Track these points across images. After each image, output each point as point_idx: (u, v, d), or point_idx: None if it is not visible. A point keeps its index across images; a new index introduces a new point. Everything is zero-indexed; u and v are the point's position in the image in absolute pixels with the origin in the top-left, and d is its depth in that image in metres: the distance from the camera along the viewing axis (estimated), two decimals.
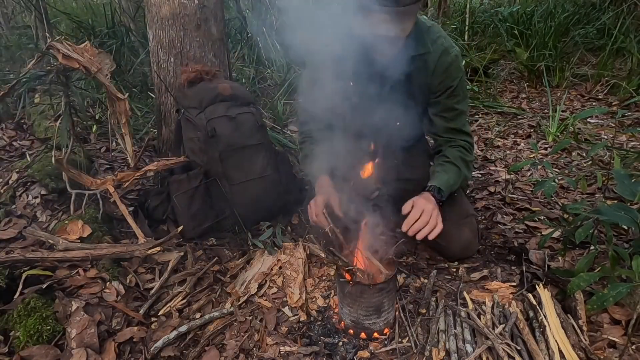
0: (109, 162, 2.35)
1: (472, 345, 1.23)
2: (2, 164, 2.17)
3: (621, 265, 1.26)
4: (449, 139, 1.62)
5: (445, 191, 1.52)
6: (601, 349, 1.20)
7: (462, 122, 1.60)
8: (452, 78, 1.51)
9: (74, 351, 1.19)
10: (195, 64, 2.00)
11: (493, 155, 2.81)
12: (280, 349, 1.29)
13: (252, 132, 1.89)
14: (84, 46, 1.71)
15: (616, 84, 3.66)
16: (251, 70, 3.43)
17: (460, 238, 1.65)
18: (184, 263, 1.69)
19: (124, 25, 3.47)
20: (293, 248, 1.71)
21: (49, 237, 1.57)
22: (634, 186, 1.25)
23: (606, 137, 2.85)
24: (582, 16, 4.55)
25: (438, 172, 1.57)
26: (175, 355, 1.29)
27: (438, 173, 1.57)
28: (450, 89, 1.52)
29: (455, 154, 1.59)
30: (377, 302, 1.27)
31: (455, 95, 1.54)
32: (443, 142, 1.64)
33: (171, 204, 1.85)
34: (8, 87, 1.77)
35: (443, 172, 1.56)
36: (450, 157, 1.58)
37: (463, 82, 1.57)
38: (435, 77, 1.52)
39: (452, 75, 1.51)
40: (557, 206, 2.06)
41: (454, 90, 1.53)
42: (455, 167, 1.57)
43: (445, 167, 1.57)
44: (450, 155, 1.59)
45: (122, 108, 1.75)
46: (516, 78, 4.55)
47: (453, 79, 1.51)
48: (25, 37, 3.65)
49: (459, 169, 1.56)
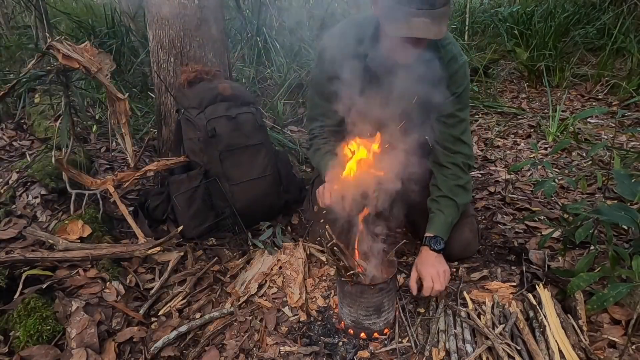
0: (109, 162, 2.35)
1: (472, 345, 1.23)
2: (2, 164, 2.17)
3: (621, 265, 1.26)
4: (446, 149, 1.57)
5: (444, 235, 1.51)
6: (601, 349, 1.20)
7: (462, 129, 1.57)
8: (457, 85, 1.51)
9: (74, 351, 1.19)
10: (195, 64, 2.00)
11: (493, 155, 2.81)
12: (280, 349, 1.29)
13: (252, 132, 1.89)
14: (84, 46, 1.71)
15: (616, 84, 3.66)
16: (251, 70, 3.43)
17: (460, 238, 1.65)
18: (184, 263, 1.69)
19: (124, 25, 3.47)
20: (293, 248, 1.71)
21: (49, 237, 1.57)
22: (634, 186, 1.25)
23: (606, 137, 2.85)
24: (582, 16, 4.55)
25: (433, 214, 1.54)
26: (175, 355, 1.29)
27: (433, 215, 1.54)
28: (454, 95, 1.53)
29: (448, 183, 1.55)
30: (377, 302, 1.27)
31: (459, 102, 1.54)
32: (440, 154, 1.58)
33: (171, 204, 1.85)
34: (8, 87, 1.77)
35: (439, 211, 1.53)
36: (443, 189, 1.55)
37: (467, 90, 1.56)
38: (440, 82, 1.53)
39: (457, 82, 1.51)
40: (557, 206, 2.06)
41: (459, 97, 1.53)
42: (450, 201, 1.53)
43: (440, 204, 1.54)
44: (443, 187, 1.55)
45: (122, 108, 1.75)
46: (516, 78, 4.55)
47: (458, 86, 1.52)
48: (25, 37, 3.65)
49: (454, 202, 1.53)
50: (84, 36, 3.39)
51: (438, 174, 1.59)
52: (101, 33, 3.42)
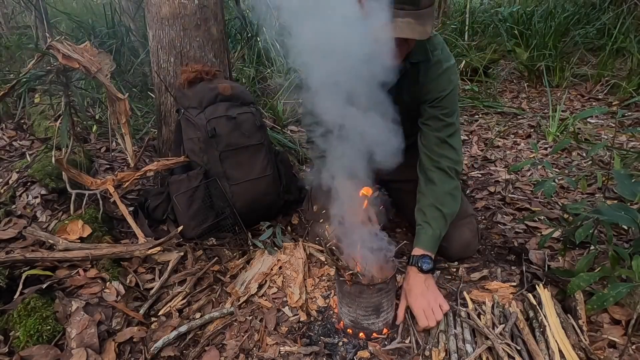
0: (109, 162, 2.35)
1: (472, 345, 1.23)
2: (2, 164, 2.17)
3: (621, 265, 1.26)
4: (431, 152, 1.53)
5: (432, 251, 1.45)
6: (601, 349, 1.20)
7: (448, 133, 1.52)
8: (440, 89, 1.50)
9: (74, 351, 1.19)
10: (195, 64, 2.00)
11: (493, 155, 2.81)
12: (280, 349, 1.29)
13: (252, 132, 1.89)
14: (84, 46, 1.71)
15: (616, 84, 3.66)
16: (251, 70, 3.43)
17: (460, 238, 1.65)
18: (184, 263, 1.69)
19: (124, 25, 3.47)
20: (293, 248, 1.71)
21: (49, 237, 1.57)
22: (634, 186, 1.25)
23: (606, 137, 2.85)
24: (582, 16, 4.56)
25: (420, 227, 1.49)
26: (175, 355, 1.29)
27: (420, 228, 1.49)
28: (437, 100, 1.52)
29: (435, 191, 1.50)
30: (376, 302, 1.27)
31: (444, 107, 1.51)
32: (425, 158, 1.55)
33: (171, 204, 1.85)
34: (8, 87, 1.77)
35: (427, 225, 1.48)
36: (430, 197, 1.50)
37: (453, 95, 1.52)
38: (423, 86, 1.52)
39: (440, 87, 1.50)
40: (557, 206, 2.06)
41: (442, 100, 1.51)
42: (437, 212, 1.48)
43: (426, 216, 1.49)
44: (430, 195, 1.51)
45: (122, 108, 1.75)
46: (516, 78, 4.55)
47: (441, 90, 1.50)
48: (25, 37, 3.65)
49: (441, 213, 1.48)
50: (84, 36, 3.39)
51: (423, 180, 1.55)
52: (101, 33, 3.43)
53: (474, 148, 2.96)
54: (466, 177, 2.51)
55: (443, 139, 1.52)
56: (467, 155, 2.86)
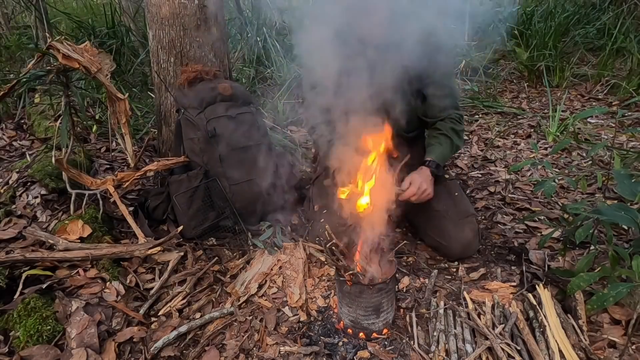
0: (109, 162, 2.35)
1: (472, 345, 1.23)
2: (2, 164, 2.17)
3: (621, 265, 1.26)
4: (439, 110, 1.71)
5: (441, 164, 1.65)
6: (601, 349, 1.20)
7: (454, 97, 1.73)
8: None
9: (74, 351, 1.19)
10: (195, 64, 2.00)
11: (493, 155, 2.81)
12: (280, 349, 1.29)
13: (252, 132, 1.89)
14: (84, 46, 1.71)
15: (616, 84, 3.66)
16: (251, 70, 3.43)
17: (460, 238, 1.65)
18: (184, 263, 1.69)
19: (124, 25, 3.47)
20: (293, 248, 1.71)
21: (49, 237, 1.57)
22: (634, 186, 1.25)
23: (606, 137, 2.85)
24: (582, 16, 4.55)
25: (433, 145, 1.68)
26: (175, 355, 1.29)
27: (433, 146, 1.68)
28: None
29: (446, 125, 1.69)
30: (376, 302, 1.27)
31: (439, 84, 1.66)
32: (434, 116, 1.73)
33: (171, 204, 1.85)
34: (8, 87, 1.77)
35: (438, 144, 1.67)
36: (442, 129, 1.69)
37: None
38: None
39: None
40: (557, 206, 2.06)
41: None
42: (447, 139, 1.68)
43: (439, 139, 1.68)
44: (442, 127, 1.70)
45: (122, 108, 1.75)
46: (516, 78, 4.54)
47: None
48: (25, 37, 3.65)
49: (451, 140, 1.68)
50: (84, 36, 3.39)
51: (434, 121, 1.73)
52: (101, 33, 3.42)
53: (474, 148, 2.96)
54: (466, 177, 2.51)
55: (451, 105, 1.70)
56: (467, 155, 2.86)
